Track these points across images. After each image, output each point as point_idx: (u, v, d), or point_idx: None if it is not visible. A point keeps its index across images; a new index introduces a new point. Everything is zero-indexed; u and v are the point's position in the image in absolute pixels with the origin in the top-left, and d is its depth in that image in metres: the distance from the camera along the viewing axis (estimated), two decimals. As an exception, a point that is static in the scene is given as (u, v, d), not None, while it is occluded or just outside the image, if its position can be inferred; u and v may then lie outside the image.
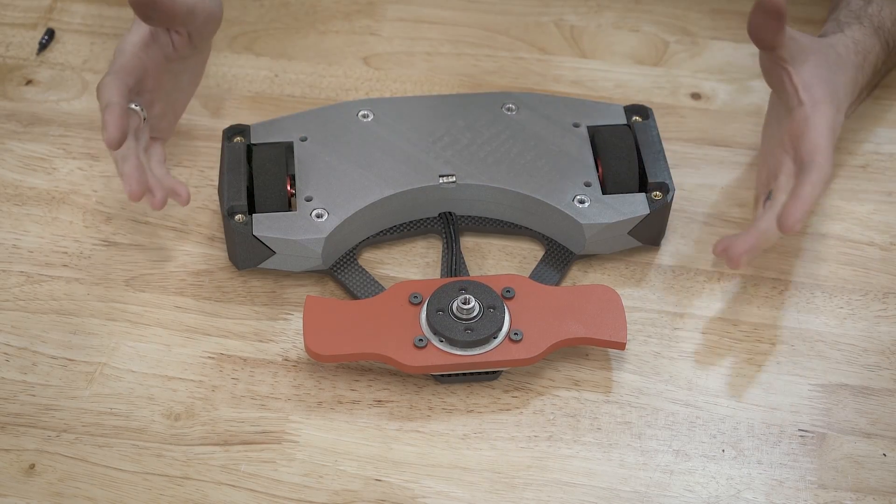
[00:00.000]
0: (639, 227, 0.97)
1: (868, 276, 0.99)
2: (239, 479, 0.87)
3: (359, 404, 0.91)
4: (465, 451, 0.89)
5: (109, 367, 0.92)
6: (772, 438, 0.89)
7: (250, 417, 0.90)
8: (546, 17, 1.18)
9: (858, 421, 0.90)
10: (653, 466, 0.88)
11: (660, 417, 0.90)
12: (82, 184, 1.04)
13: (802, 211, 0.88)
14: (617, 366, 0.93)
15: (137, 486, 0.86)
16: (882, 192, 1.04)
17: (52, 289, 0.97)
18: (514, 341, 0.90)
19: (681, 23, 1.18)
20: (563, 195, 0.97)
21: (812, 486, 0.87)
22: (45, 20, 1.17)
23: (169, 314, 0.95)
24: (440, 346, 0.89)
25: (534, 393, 0.91)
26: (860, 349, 0.94)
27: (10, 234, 1.00)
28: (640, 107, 1.02)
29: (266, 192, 0.96)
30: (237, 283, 0.97)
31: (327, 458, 0.88)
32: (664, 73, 1.14)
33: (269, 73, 1.13)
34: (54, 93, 1.11)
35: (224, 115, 1.09)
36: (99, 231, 1.01)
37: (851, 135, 1.08)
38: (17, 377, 0.92)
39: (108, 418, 0.90)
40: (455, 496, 0.86)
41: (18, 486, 0.86)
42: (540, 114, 1.02)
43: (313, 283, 0.98)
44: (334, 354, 0.89)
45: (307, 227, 0.95)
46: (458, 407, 0.91)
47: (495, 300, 0.91)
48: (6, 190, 1.03)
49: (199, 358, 0.93)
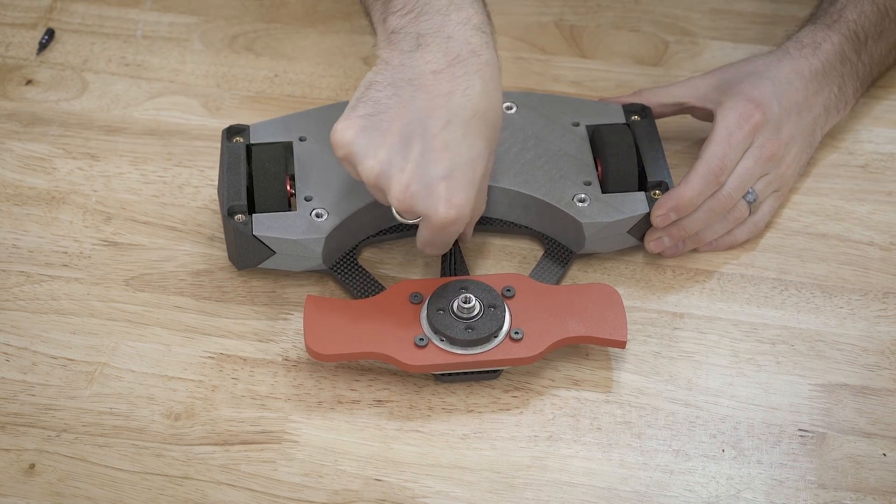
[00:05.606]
0: (638, 225, 0.97)
1: (868, 276, 0.98)
2: (239, 478, 0.87)
3: (359, 404, 0.91)
4: (465, 450, 0.88)
5: (109, 367, 0.92)
6: (772, 438, 0.89)
7: (250, 417, 0.90)
8: (546, 17, 1.18)
9: (858, 421, 0.90)
10: (653, 466, 0.88)
11: (660, 417, 0.90)
12: (82, 184, 1.04)
13: (667, 206, 0.95)
14: (617, 365, 0.93)
15: (137, 486, 0.86)
16: (882, 192, 1.04)
17: (52, 289, 0.97)
18: (515, 340, 0.90)
19: (681, 23, 1.18)
20: (563, 194, 0.97)
21: (812, 485, 0.87)
22: (45, 20, 1.17)
23: (169, 314, 0.95)
24: (441, 345, 0.89)
25: (534, 393, 0.91)
26: (860, 349, 0.94)
27: (10, 234, 1.00)
28: (640, 106, 1.02)
29: (266, 191, 0.96)
30: (237, 283, 0.97)
31: (327, 457, 0.88)
32: (664, 73, 1.14)
33: (269, 73, 1.13)
34: (54, 93, 1.11)
35: (224, 115, 1.09)
36: (99, 231, 1.01)
37: (851, 135, 1.08)
38: (17, 377, 0.92)
39: (108, 418, 0.90)
40: (455, 496, 0.86)
41: (18, 486, 0.86)
42: (539, 113, 1.02)
43: (313, 283, 0.97)
44: (335, 354, 0.89)
45: (307, 227, 0.95)
46: (458, 407, 0.91)
47: (496, 299, 0.91)
48: (6, 190, 1.03)
49: (198, 358, 0.93)
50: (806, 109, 1.00)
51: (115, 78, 1.12)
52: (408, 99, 0.88)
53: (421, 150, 0.87)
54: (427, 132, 0.87)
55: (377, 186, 0.88)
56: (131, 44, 1.15)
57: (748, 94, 0.98)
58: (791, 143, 0.99)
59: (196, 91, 1.11)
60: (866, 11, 1.04)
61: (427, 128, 0.87)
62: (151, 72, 1.13)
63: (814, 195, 1.04)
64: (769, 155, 0.98)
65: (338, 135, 0.88)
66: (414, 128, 0.87)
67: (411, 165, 0.87)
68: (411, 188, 0.87)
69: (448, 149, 0.87)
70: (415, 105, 0.87)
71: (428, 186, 0.87)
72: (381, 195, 0.90)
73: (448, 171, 0.87)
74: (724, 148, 0.96)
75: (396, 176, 0.87)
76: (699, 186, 0.95)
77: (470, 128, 0.87)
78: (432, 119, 0.87)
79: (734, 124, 0.97)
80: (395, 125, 0.87)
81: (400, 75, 0.88)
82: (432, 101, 0.87)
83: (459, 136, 0.87)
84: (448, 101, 0.87)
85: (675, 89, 1.03)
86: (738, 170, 0.97)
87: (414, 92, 0.88)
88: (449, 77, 0.87)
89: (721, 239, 0.99)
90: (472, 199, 0.88)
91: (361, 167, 0.88)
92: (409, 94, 0.88)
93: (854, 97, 1.05)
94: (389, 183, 0.87)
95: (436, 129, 0.87)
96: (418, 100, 0.87)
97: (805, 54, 1.01)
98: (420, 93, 0.87)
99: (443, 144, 0.87)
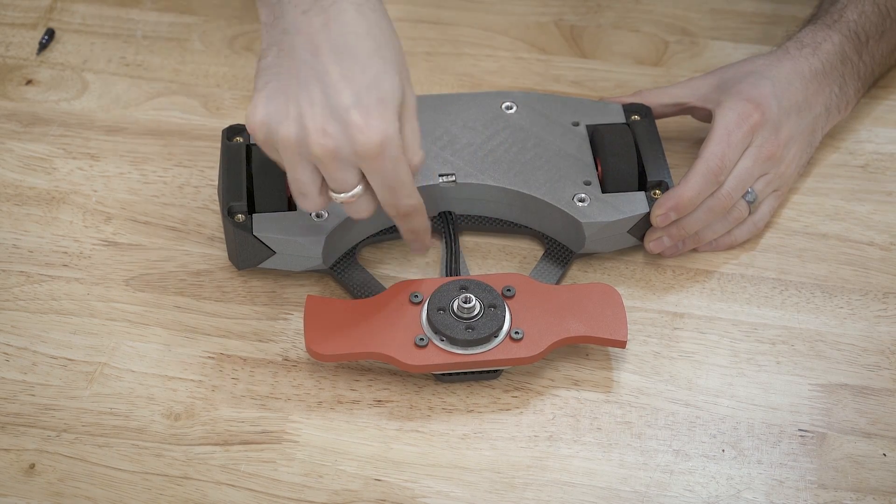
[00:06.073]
0: (638, 225, 0.97)
1: (868, 276, 0.98)
2: (239, 478, 0.87)
3: (359, 404, 0.91)
4: (465, 450, 0.88)
5: (109, 367, 0.92)
6: (772, 438, 0.89)
7: (250, 417, 0.90)
8: (546, 17, 1.18)
9: (858, 421, 0.90)
10: (653, 466, 0.88)
11: (660, 417, 0.90)
12: (82, 184, 1.04)
13: (667, 206, 0.95)
14: (617, 365, 0.93)
15: (137, 486, 0.86)
16: (882, 192, 1.04)
17: (52, 289, 0.97)
18: (515, 340, 0.90)
19: (681, 23, 1.18)
20: (563, 194, 0.97)
21: (812, 486, 0.87)
22: (45, 20, 1.17)
23: (169, 314, 0.95)
24: (441, 345, 0.89)
25: (534, 393, 0.91)
26: (860, 349, 0.94)
27: (10, 234, 1.00)
28: (640, 105, 1.02)
29: (266, 192, 0.96)
30: (237, 283, 0.97)
31: (327, 457, 0.88)
32: (664, 73, 1.14)
33: (269, 73, 1.13)
34: (54, 93, 1.11)
35: (224, 115, 1.09)
36: (99, 231, 1.01)
37: (852, 135, 1.08)
38: (17, 377, 0.92)
39: (108, 418, 0.90)
40: (455, 496, 0.86)
41: (18, 486, 0.86)
42: (539, 113, 1.02)
43: (313, 282, 0.97)
44: (335, 354, 0.89)
45: (307, 227, 0.95)
46: (458, 407, 0.91)
47: (496, 299, 0.91)
48: (6, 190, 1.03)
49: (199, 358, 0.93)
50: (806, 109, 1.00)
51: (115, 78, 1.12)
52: (290, 49, 0.85)
53: (320, 89, 0.84)
54: (318, 70, 0.84)
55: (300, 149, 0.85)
56: (131, 44, 1.15)
57: (747, 94, 0.98)
58: (790, 143, 0.99)
59: (196, 91, 1.11)
60: (867, 12, 1.04)
61: (316, 66, 0.84)
62: (151, 72, 1.13)
63: (814, 195, 1.04)
64: (768, 155, 0.98)
65: (249, 120, 0.86)
66: (306, 72, 0.84)
67: (318, 108, 0.84)
68: (328, 129, 0.84)
69: (344, 78, 0.84)
70: (297, 51, 0.85)
71: (341, 121, 0.83)
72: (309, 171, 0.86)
73: (353, 98, 0.83)
74: (724, 147, 0.96)
75: (310, 125, 0.84)
76: (698, 186, 0.95)
77: (359, 51, 0.84)
78: (318, 56, 0.84)
79: (733, 124, 0.97)
80: (291, 80, 0.85)
81: (275, 31, 0.86)
82: (311, 38, 0.85)
83: (350, 62, 0.84)
84: (327, 34, 0.84)
85: (675, 90, 1.03)
86: (738, 169, 0.97)
87: (292, 39, 0.85)
88: (318, 11, 0.85)
89: (721, 239, 0.99)
90: (391, 121, 0.84)
91: (280, 137, 0.85)
92: (288, 43, 0.85)
93: (855, 97, 1.05)
94: (307, 137, 0.84)
95: (325, 63, 0.84)
96: (298, 44, 0.85)
97: (805, 54, 1.01)
98: (298, 37, 0.85)
99: (338, 76, 0.84)
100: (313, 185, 0.87)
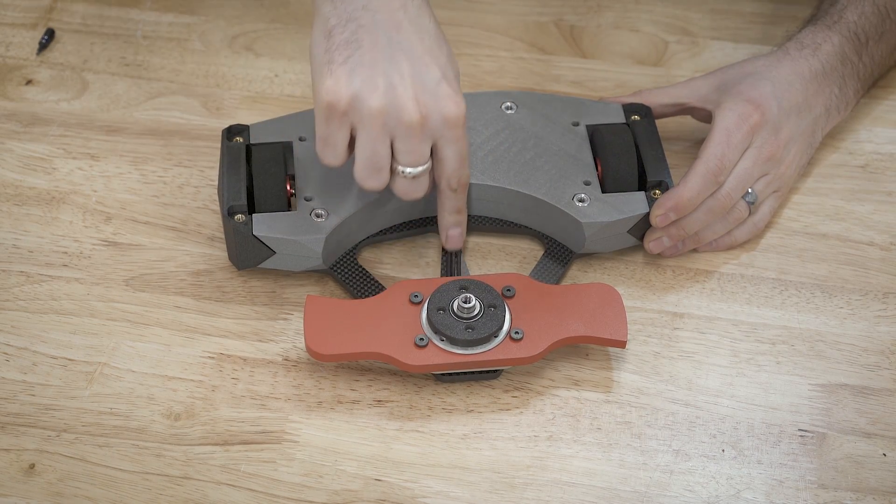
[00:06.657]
0: (638, 225, 0.97)
1: (868, 276, 0.99)
2: (239, 478, 0.87)
3: (359, 404, 0.91)
4: (465, 451, 0.89)
5: (109, 367, 0.92)
6: (772, 438, 0.89)
7: (250, 417, 0.90)
8: (546, 17, 1.18)
9: (858, 421, 0.90)
10: (653, 466, 0.88)
11: (660, 417, 0.90)
12: (82, 184, 1.04)
13: (666, 206, 0.95)
14: (617, 365, 0.93)
15: (137, 486, 0.86)
16: (882, 192, 1.04)
17: (52, 289, 0.97)
18: (515, 340, 0.90)
19: (681, 23, 1.18)
20: (563, 194, 0.97)
21: (812, 485, 0.87)
22: (45, 20, 1.17)
23: (169, 314, 0.95)
24: (441, 345, 0.89)
25: (534, 393, 0.91)
26: (860, 349, 0.94)
27: (10, 234, 1.00)
28: (640, 105, 1.02)
29: (266, 191, 0.96)
30: (237, 283, 0.97)
31: (327, 457, 0.88)
32: (664, 73, 1.14)
33: (269, 73, 1.13)
34: (54, 93, 1.11)
35: (224, 115, 1.09)
36: (99, 231, 1.01)
37: (851, 135, 1.08)
38: (17, 377, 0.92)
39: (108, 418, 0.90)
40: (455, 496, 0.86)
41: (18, 486, 0.86)
42: (539, 113, 1.02)
43: (313, 282, 0.98)
44: (335, 354, 0.89)
45: (307, 227, 0.95)
46: (458, 407, 0.91)
47: (496, 299, 0.91)
48: (6, 190, 1.03)
49: (199, 358, 0.93)
50: (806, 110, 1.00)
51: (115, 78, 1.12)
52: (371, 25, 0.89)
53: (409, 64, 0.89)
54: (404, 46, 0.89)
55: (387, 120, 0.88)
56: (131, 44, 1.15)
57: (747, 95, 0.98)
58: (790, 144, 0.99)
59: (196, 91, 1.11)
60: (867, 12, 1.04)
61: (402, 42, 0.89)
62: (151, 72, 1.13)
63: (814, 195, 1.04)
64: (768, 155, 0.98)
65: (331, 93, 0.88)
66: (392, 48, 0.89)
67: (409, 80, 0.88)
68: (421, 99, 0.88)
69: (429, 53, 0.89)
70: (380, 27, 0.89)
71: (432, 93, 0.88)
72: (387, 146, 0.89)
73: (440, 72, 0.89)
74: (723, 148, 0.96)
75: (404, 96, 0.88)
76: (698, 186, 0.95)
77: (433, 31, 0.90)
78: (402, 33, 0.89)
79: (733, 125, 0.97)
80: (376, 54, 0.88)
81: (351, 8, 0.89)
82: (392, 16, 0.89)
83: (430, 41, 0.90)
84: (405, 13, 0.90)
85: (675, 90, 1.03)
86: (737, 170, 0.97)
87: (373, 16, 0.89)
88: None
89: (721, 239, 0.99)
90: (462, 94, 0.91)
91: (370, 107, 0.88)
92: (369, 20, 0.89)
93: (855, 98, 1.05)
94: (400, 105, 0.88)
95: (411, 41, 0.89)
96: (380, 21, 0.89)
97: (805, 55, 1.01)
98: (379, 14, 0.89)
99: (423, 51, 0.89)
100: (387, 160, 0.90)
